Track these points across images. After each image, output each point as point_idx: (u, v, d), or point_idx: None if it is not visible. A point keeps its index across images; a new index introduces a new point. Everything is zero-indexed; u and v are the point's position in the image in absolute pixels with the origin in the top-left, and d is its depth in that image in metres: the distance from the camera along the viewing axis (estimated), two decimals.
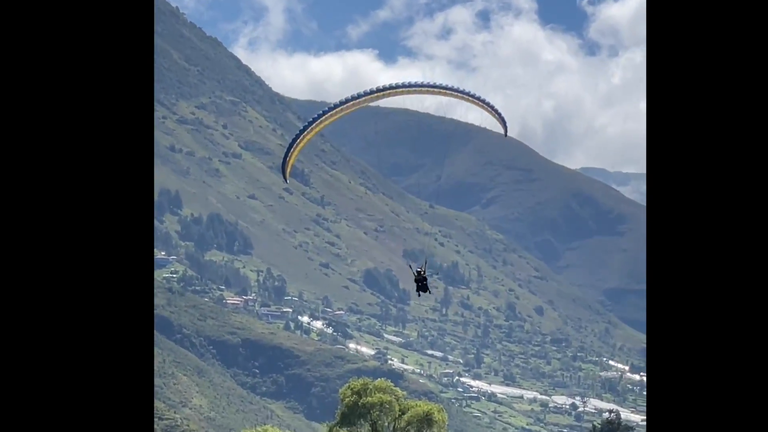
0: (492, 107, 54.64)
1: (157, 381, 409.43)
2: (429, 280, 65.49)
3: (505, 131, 57.54)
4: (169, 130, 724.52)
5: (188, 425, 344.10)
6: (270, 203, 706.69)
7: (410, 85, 55.93)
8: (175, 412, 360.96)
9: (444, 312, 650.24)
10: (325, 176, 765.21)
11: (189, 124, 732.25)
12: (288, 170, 58.10)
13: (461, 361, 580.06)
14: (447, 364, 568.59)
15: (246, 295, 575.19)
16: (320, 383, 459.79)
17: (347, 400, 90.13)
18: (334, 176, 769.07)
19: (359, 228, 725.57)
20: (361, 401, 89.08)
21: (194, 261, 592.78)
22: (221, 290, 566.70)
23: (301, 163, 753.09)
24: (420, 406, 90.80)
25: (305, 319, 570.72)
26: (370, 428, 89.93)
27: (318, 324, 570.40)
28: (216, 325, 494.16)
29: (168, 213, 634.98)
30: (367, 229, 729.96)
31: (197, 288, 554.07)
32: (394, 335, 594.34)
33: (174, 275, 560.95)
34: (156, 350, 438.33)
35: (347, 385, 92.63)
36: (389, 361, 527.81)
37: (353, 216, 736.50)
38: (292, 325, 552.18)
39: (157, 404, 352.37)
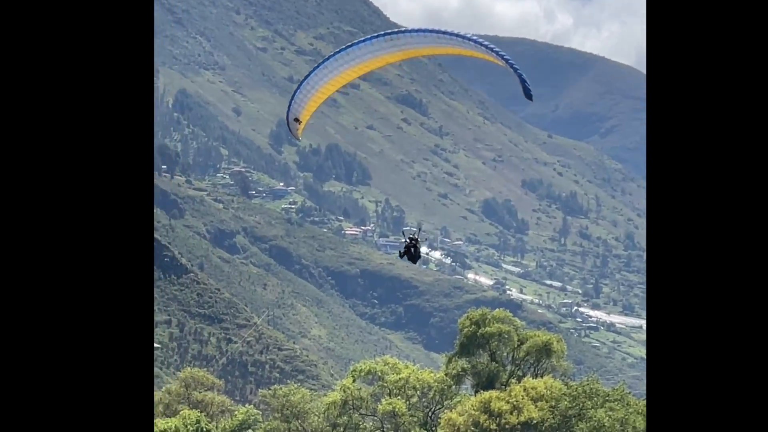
0: (512, 65, 47.92)
1: (276, 312, 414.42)
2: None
3: (526, 93, 48.96)
4: (287, 61, 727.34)
5: (307, 356, 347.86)
6: (388, 133, 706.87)
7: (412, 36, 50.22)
8: (294, 343, 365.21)
9: (562, 242, 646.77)
10: (443, 106, 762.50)
11: (307, 54, 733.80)
12: (297, 127, 52.98)
13: (580, 291, 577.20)
14: (565, 294, 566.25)
15: (364, 226, 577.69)
16: (439, 314, 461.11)
17: (466, 330, 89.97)
18: (452, 106, 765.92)
19: (477, 158, 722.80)
20: (480, 331, 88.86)
21: (313, 192, 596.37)
22: (340, 221, 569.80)
23: (419, 93, 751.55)
24: (538, 336, 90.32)
25: (424, 249, 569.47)
26: (488, 358, 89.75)
27: (436, 254, 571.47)
28: (335, 255, 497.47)
29: (286, 144, 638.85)
30: (485, 159, 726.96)
31: (316, 219, 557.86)
32: (512, 265, 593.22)
33: (292, 206, 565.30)
34: (275, 281, 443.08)
35: (466, 315, 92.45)
36: (508, 292, 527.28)
37: (471, 146, 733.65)
38: None
39: (277, 335, 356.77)
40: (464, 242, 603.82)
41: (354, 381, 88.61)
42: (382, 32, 49.34)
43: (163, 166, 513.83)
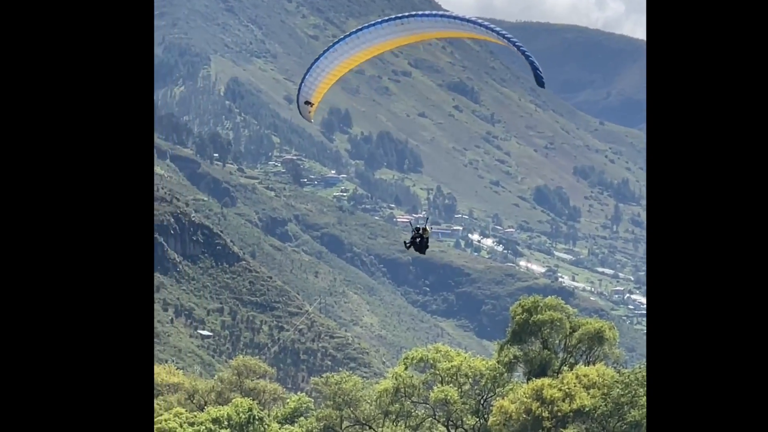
0: (524, 52, 47.15)
1: (328, 299, 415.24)
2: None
3: (538, 80, 47.92)
4: None
5: (359, 343, 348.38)
6: (440, 121, 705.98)
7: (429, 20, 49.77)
8: (346, 331, 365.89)
9: (614, 229, 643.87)
10: (495, 93, 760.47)
11: None
12: (309, 109, 52.33)
13: (632, 279, 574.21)
14: (617, 282, 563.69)
15: (416, 213, 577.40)
16: (491, 301, 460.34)
17: (518, 317, 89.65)
18: (504, 93, 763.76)
19: (529, 145, 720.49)
20: (532, 319, 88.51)
21: (364, 179, 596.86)
22: (391, 208, 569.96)
23: (471, 81, 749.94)
24: (591, 323, 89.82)
25: (475, 237, 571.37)
26: (540, 346, 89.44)
27: (488, 242, 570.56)
28: (386, 243, 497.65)
29: (338, 131, 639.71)
30: (537, 146, 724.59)
31: (367, 206, 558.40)
32: (564, 253, 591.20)
33: (344, 194, 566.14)
34: (327, 268, 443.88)
35: (518, 302, 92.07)
36: (559, 279, 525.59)
37: (523, 133, 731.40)
38: (462, 243, 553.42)
39: (329, 323, 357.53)
40: (516, 230, 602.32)
41: (406, 369, 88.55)
42: (393, 16, 49.40)
43: (215, 154, 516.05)
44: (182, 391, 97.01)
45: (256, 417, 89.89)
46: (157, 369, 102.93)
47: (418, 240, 56.99)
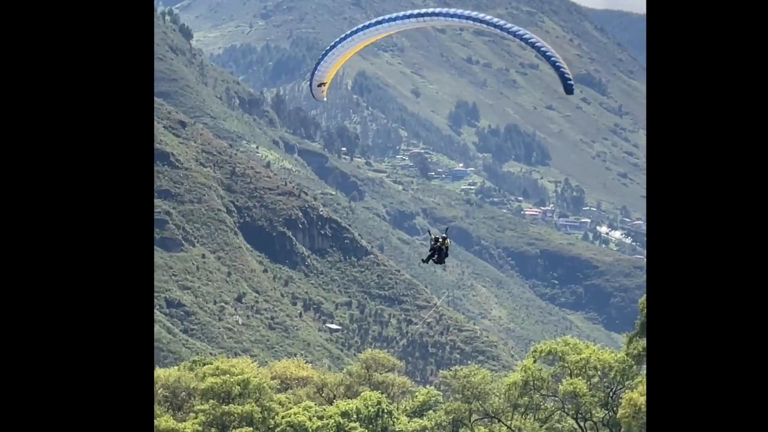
0: (551, 59, 45.71)
1: (456, 293, 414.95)
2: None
3: (567, 89, 46.53)
4: (466, 42, 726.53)
5: (487, 336, 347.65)
6: (567, 113, 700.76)
7: (455, 15, 49.56)
8: (474, 324, 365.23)
9: None
10: (623, 85, 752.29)
11: (486, 35, 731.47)
12: (323, 89, 52.26)
13: None
14: None
15: (544, 206, 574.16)
16: (619, 293, 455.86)
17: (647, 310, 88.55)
18: (632, 86, 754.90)
19: None
20: None
21: (492, 172, 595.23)
22: (519, 201, 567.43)
23: (598, 73, 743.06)
24: None
25: (604, 229, 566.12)
26: None
27: (617, 234, 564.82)
28: (514, 236, 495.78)
29: (465, 125, 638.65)
30: None
31: (495, 199, 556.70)
32: None
33: (472, 187, 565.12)
34: (455, 262, 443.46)
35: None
36: None
37: None
38: (590, 235, 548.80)
39: (457, 316, 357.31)
40: (644, 222, 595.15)
41: (535, 361, 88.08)
42: (415, 12, 49.56)
43: (342, 148, 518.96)
44: (311, 385, 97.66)
45: (385, 410, 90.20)
46: (286, 363, 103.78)
47: (436, 251, 55.90)
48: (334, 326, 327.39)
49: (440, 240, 56.38)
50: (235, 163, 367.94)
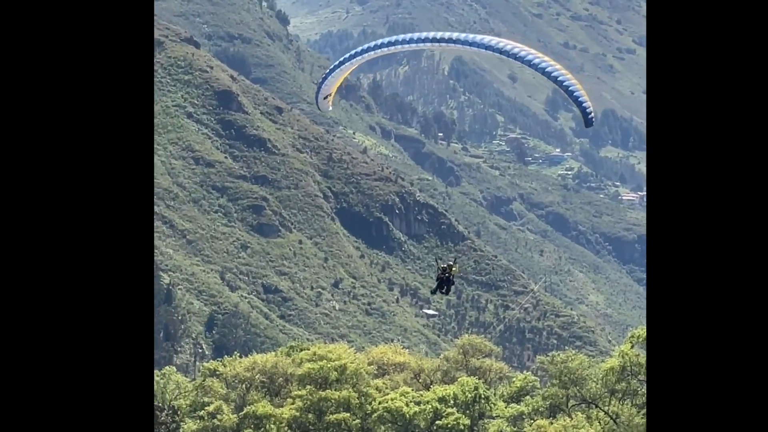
0: (575, 95, 45.00)
1: (553, 278, 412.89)
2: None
3: (587, 123, 46.05)
4: (562, 27, 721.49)
5: (584, 322, 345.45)
6: None
7: (476, 44, 48.62)
8: (571, 309, 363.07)
9: None
10: None
11: (583, 20, 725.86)
12: (329, 100, 52.14)
13: None
14: None
15: (641, 191, 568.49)
16: None
17: None
18: None
19: None
20: None
21: (589, 157, 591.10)
22: (616, 186, 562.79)
23: None
24: None
25: None
26: None
27: None
28: (611, 221, 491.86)
29: (562, 110, 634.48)
30: None
31: (592, 184, 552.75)
32: None
33: (569, 172, 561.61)
34: (552, 247, 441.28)
35: None
36: None
37: None
38: None
39: (554, 301, 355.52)
40: None
41: (632, 347, 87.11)
42: (445, 37, 48.78)
43: (439, 134, 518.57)
44: (408, 371, 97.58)
45: (482, 396, 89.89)
46: (383, 348, 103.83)
47: (444, 282, 54.62)
48: (431, 312, 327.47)
49: (447, 269, 54.88)
50: (332, 148, 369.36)
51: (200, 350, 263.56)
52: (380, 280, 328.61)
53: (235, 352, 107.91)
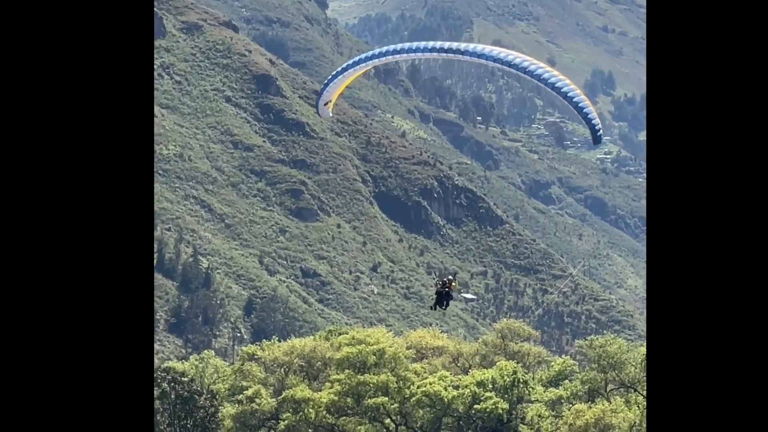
0: (584, 111, 44.42)
1: (592, 262, 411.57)
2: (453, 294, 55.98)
3: (596, 140, 45.53)
4: (601, 11, 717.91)
5: (623, 306, 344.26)
6: None
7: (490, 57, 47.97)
8: (610, 293, 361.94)
9: None
10: None
11: (621, 3, 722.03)
12: (329, 107, 51.52)
13: None
14: None
15: None
16: None
17: None
18: None
19: None
20: None
21: (628, 141, 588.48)
22: None
23: None
24: None
25: None
26: None
27: None
28: None
29: (601, 93, 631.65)
30: None
31: (631, 168, 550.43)
32: None
33: (608, 156, 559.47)
34: (590, 231, 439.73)
35: None
36: None
37: None
38: None
39: (593, 285, 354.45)
40: None
41: None
42: (453, 47, 48.10)
43: (478, 118, 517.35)
44: (447, 355, 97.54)
45: (521, 380, 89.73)
46: (422, 332, 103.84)
47: (443, 297, 54.04)
48: (469, 296, 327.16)
49: (447, 284, 54.34)
50: (371, 132, 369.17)
51: (239, 334, 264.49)
52: (419, 264, 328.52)
53: (274, 336, 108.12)
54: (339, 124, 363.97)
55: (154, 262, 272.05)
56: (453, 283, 54.75)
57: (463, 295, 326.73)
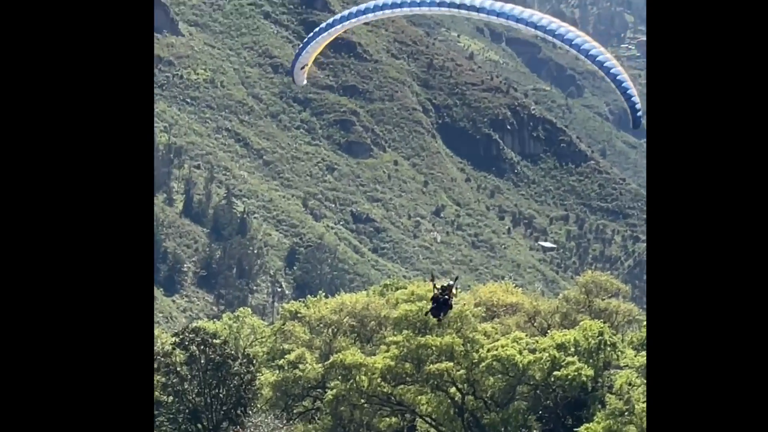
0: (627, 92, 44.03)
1: None
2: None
3: (634, 123, 45.18)
4: None
5: None
6: None
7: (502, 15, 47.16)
8: None
9: None
10: None
11: None
12: (305, 71, 52.38)
13: None
14: None
15: None
16: None
17: None
18: None
19: None
20: None
21: None
22: None
23: None
24: None
25: None
26: None
27: None
28: None
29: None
30: None
31: None
32: None
33: None
34: None
35: None
36: None
37: None
38: None
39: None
40: None
41: None
42: (456, 2, 47.67)
43: None
44: (521, 313, 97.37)
45: (608, 342, 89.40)
46: (493, 287, 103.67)
47: (441, 304, 54.04)
48: (548, 244, 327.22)
49: (448, 290, 54.23)
50: (433, 54, 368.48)
51: (279, 289, 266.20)
52: (489, 208, 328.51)
53: (320, 292, 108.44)
54: (396, 45, 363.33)
55: (181, 205, 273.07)
56: (453, 290, 54.90)
57: (541, 243, 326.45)
